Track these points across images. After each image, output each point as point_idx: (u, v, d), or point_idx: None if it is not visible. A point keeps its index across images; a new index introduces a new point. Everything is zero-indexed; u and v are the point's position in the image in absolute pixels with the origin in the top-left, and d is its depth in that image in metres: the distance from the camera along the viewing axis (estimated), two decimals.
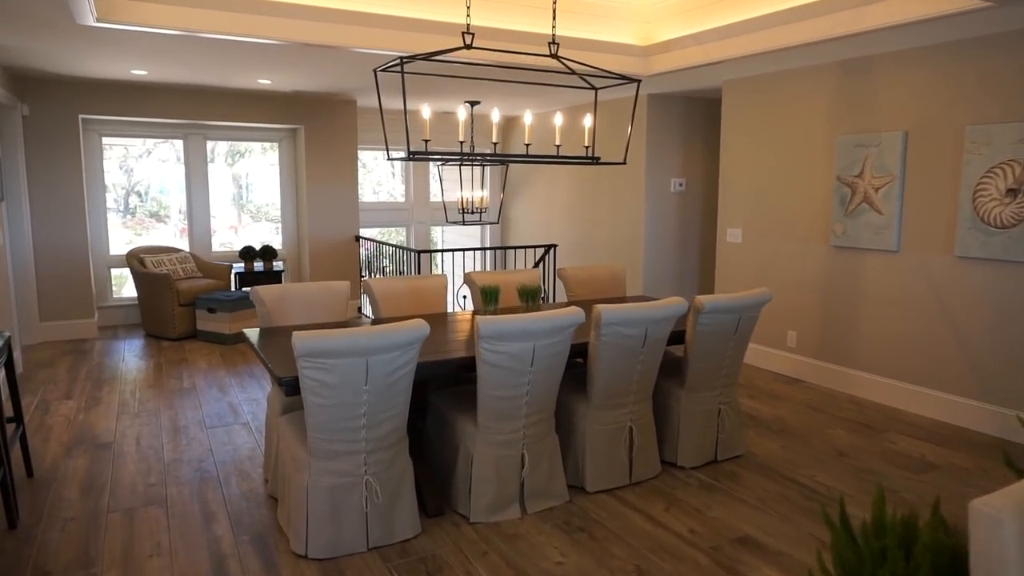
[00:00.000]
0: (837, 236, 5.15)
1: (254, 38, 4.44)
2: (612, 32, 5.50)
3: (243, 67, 5.73)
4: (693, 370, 3.75)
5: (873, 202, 4.88)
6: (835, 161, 5.13)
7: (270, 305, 3.72)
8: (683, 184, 7.31)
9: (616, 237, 7.54)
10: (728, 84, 6.06)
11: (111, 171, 7.88)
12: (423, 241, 9.41)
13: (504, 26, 4.93)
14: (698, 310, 3.59)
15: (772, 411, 4.80)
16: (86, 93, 6.73)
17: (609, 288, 4.85)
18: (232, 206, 8.51)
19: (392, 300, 4.11)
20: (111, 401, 4.92)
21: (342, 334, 2.66)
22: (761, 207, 5.83)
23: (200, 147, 7.81)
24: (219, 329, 6.69)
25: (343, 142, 7.99)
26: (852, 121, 5.04)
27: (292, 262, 8.39)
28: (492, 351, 3.01)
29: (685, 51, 5.36)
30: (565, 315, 3.14)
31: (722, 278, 6.26)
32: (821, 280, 5.36)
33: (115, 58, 5.37)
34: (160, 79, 6.47)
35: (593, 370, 3.41)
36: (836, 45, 4.65)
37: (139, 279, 6.95)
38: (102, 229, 7.41)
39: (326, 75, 6.14)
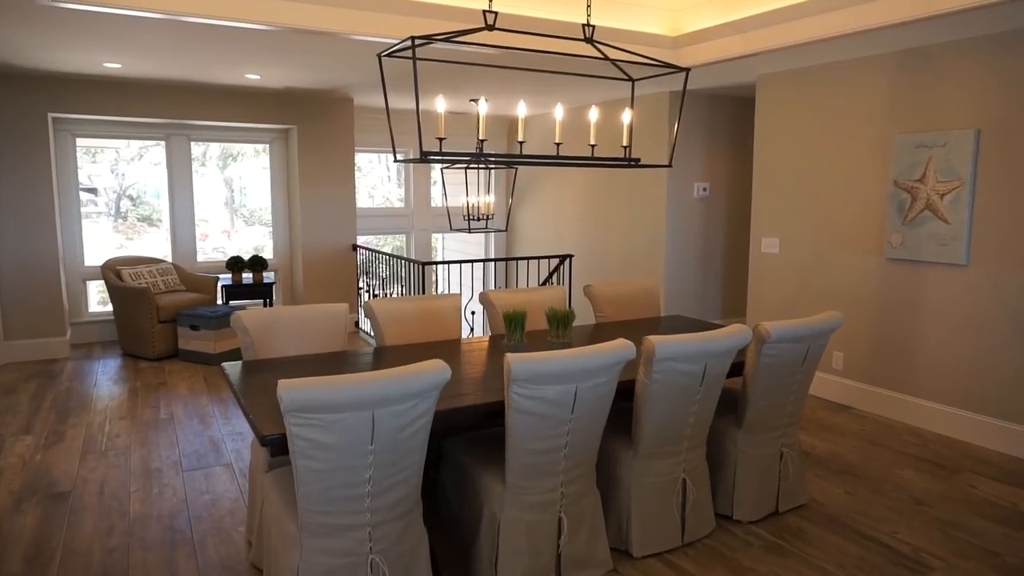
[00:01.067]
0: (894, 247, 4.60)
1: (240, 22, 3.87)
2: (638, 21, 4.95)
3: (228, 59, 5.15)
4: (753, 408, 3.19)
5: (938, 210, 4.33)
6: (891, 163, 4.58)
7: (255, 334, 3.14)
8: (707, 189, 6.77)
9: (633, 246, 6.98)
10: (764, 79, 5.52)
11: (102, 174, 7.31)
12: (424, 250, 8.84)
13: (524, 12, 4.37)
14: (763, 339, 3.03)
15: (826, 446, 4.24)
16: (56, 89, 6.14)
17: (642, 307, 4.29)
18: (225, 210, 7.94)
19: (397, 325, 3.53)
20: (76, 437, 4.32)
21: (342, 383, 2.09)
22: (802, 214, 5.28)
23: (184, 149, 7.22)
24: (203, 348, 6.10)
25: (339, 143, 7.41)
26: (912, 118, 4.50)
27: (284, 273, 7.80)
28: (526, 396, 2.45)
29: (722, 41, 4.81)
30: (613, 350, 2.58)
31: (756, 293, 5.70)
32: (873, 296, 4.81)
33: (83, 48, 4.78)
34: (136, 73, 5.88)
35: (642, 413, 2.84)
36: (895, 33, 4.11)
37: (115, 293, 6.35)
38: (76, 238, 6.81)
39: (320, 68, 5.56)
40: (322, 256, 7.44)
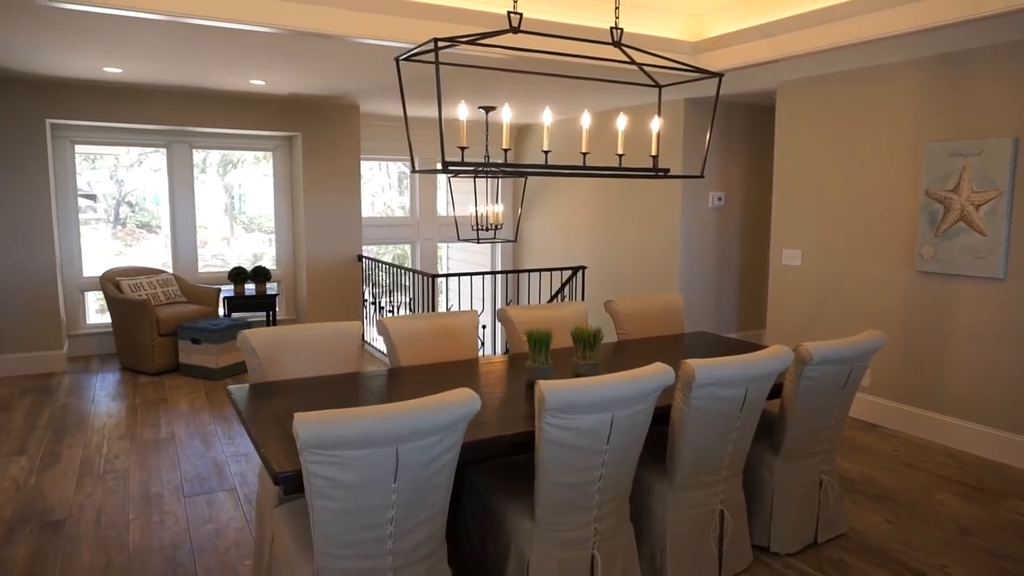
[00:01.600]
0: (925, 260, 4.42)
1: (245, 24, 3.69)
2: (657, 26, 4.78)
3: (232, 64, 4.98)
4: (792, 433, 3.00)
5: (973, 221, 4.15)
6: (923, 172, 4.40)
7: (263, 355, 2.95)
8: (722, 198, 6.59)
9: (647, 257, 6.80)
10: (785, 85, 5.35)
11: (101, 181, 7.14)
12: (430, 260, 8.65)
13: (543, 16, 4.20)
14: (804, 361, 2.85)
15: (859, 468, 4.05)
16: (54, 95, 5.96)
17: (665, 323, 4.10)
18: (225, 216, 7.76)
19: (412, 343, 3.34)
20: (72, 458, 4.13)
21: (364, 416, 1.90)
22: (826, 225, 5.10)
23: (185, 156, 7.04)
24: (204, 363, 5.90)
25: (345, 152, 7.24)
26: (944, 126, 4.33)
27: (287, 283, 7.61)
28: (560, 427, 2.26)
29: (746, 46, 4.64)
30: (652, 375, 2.39)
31: (777, 306, 5.51)
32: (903, 310, 4.62)
33: (83, 51, 4.60)
34: (138, 79, 5.71)
35: (679, 441, 2.65)
36: (927, 37, 3.94)
37: (114, 305, 6.16)
38: (74, 247, 6.62)
39: (327, 74, 5.39)
40: (327, 267, 7.25)
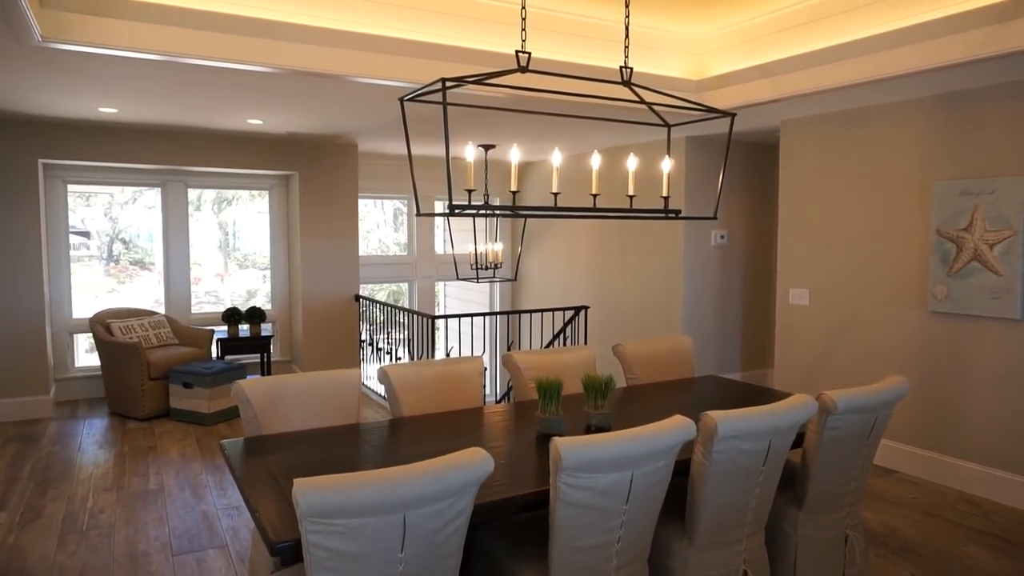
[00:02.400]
0: (938, 300, 4.32)
1: (244, 65, 3.62)
2: (659, 65, 4.75)
3: (230, 103, 4.90)
4: (816, 486, 2.85)
5: (987, 260, 4.07)
6: (933, 211, 4.33)
7: (259, 406, 2.80)
8: (725, 236, 6.52)
9: (649, 296, 6.69)
10: (788, 124, 5.31)
11: (95, 218, 7.05)
12: (427, 299, 8.52)
13: (549, 55, 4.15)
14: (828, 410, 2.72)
15: (879, 518, 3.88)
16: (47, 135, 5.87)
17: (675, 367, 3.97)
18: (219, 253, 7.65)
19: (414, 392, 3.19)
20: (55, 512, 3.93)
21: (369, 482, 1.76)
22: (834, 264, 5.01)
23: (180, 195, 6.95)
24: (196, 407, 5.72)
25: (343, 191, 7.16)
26: (955, 164, 4.27)
27: (282, 324, 7.46)
28: (576, 487, 2.11)
29: (748, 85, 4.60)
30: (673, 430, 2.26)
31: (785, 347, 5.39)
32: (917, 351, 4.50)
33: (76, 91, 4.52)
34: (133, 119, 5.63)
35: (699, 497, 2.50)
36: (931, 76, 3.89)
37: (104, 349, 5.99)
38: (64, 290, 6.47)
39: (326, 113, 5.33)
40: (323, 307, 7.11)
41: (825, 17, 4.06)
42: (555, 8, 4.22)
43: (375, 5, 3.80)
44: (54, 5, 3.08)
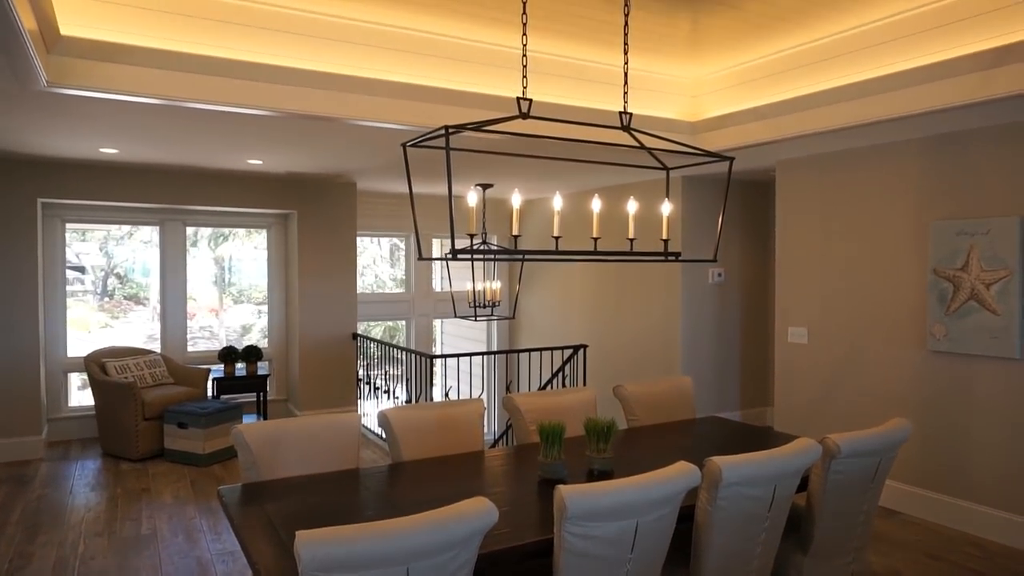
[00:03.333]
0: (937, 339, 4.33)
1: (245, 109, 3.65)
2: (655, 107, 4.82)
3: (230, 145, 4.95)
4: (821, 531, 2.82)
5: (985, 300, 4.08)
6: (930, 251, 4.36)
7: (257, 451, 2.77)
8: (722, 274, 6.54)
9: (648, 334, 6.68)
10: (784, 164, 5.37)
11: (91, 253, 7.05)
12: (425, 337, 8.50)
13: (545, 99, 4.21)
14: (832, 454, 2.70)
15: (883, 560, 3.83)
16: (47, 175, 5.90)
17: (675, 408, 3.95)
18: (214, 288, 7.63)
19: (415, 436, 3.16)
20: (45, 559, 3.85)
21: (373, 533, 1.73)
22: (832, 303, 5.03)
23: (179, 234, 6.96)
24: (191, 448, 5.65)
25: (341, 229, 7.18)
26: (949, 205, 4.31)
27: (279, 363, 7.42)
28: (581, 536, 2.08)
29: (743, 127, 4.67)
30: (677, 477, 2.24)
31: (784, 385, 5.38)
32: (917, 390, 4.50)
33: (78, 133, 4.56)
34: (133, 158, 5.67)
35: (703, 545, 2.47)
36: (923, 120, 3.96)
37: (98, 388, 5.93)
38: (60, 329, 6.43)
39: (326, 153, 5.37)
40: (320, 346, 7.08)
41: (818, 61, 4.14)
42: (554, 52, 4.30)
43: (376, 50, 3.86)
44: (60, 51, 3.12)
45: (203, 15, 3.44)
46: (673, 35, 4.01)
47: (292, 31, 3.64)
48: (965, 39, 3.43)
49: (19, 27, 2.42)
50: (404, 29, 3.89)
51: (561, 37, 4.04)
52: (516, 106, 2.66)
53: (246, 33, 3.54)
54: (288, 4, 3.56)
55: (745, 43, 4.18)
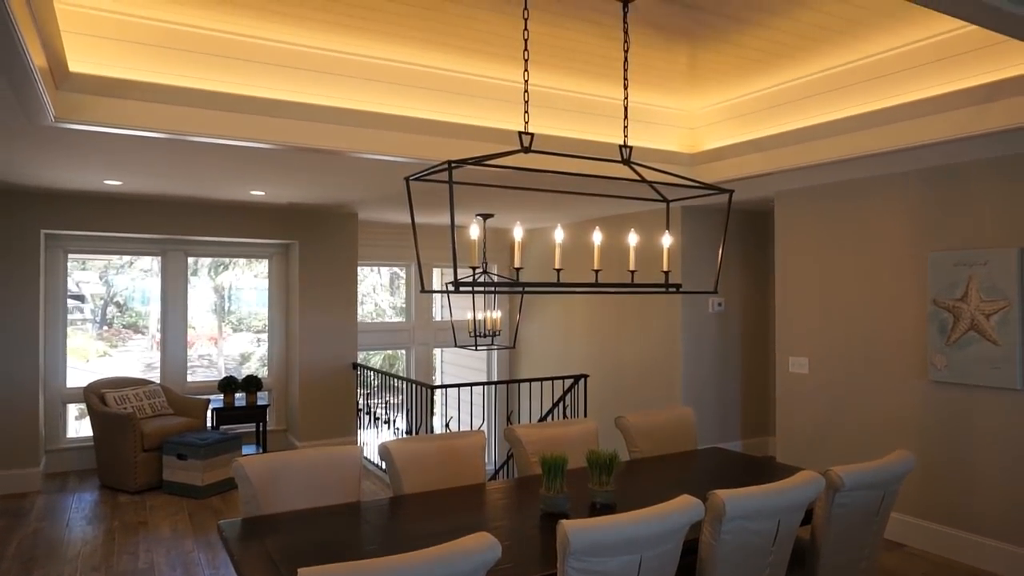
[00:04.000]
0: (938, 369, 4.33)
1: (248, 142, 3.70)
2: (653, 139, 4.87)
3: (233, 176, 4.99)
4: (826, 565, 2.79)
5: (984, 330, 4.09)
6: (929, 281, 4.38)
7: (258, 484, 2.76)
8: (722, 304, 6.56)
9: (648, 364, 6.68)
10: (783, 195, 5.42)
11: (91, 282, 7.08)
12: (425, 366, 8.48)
13: (546, 131, 4.27)
14: (836, 487, 2.69)
15: None
16: (51, 206, 5.94)
17: (678, 439, 3.94)
18: (213, 316, 7.64)
19: (417, 468, 3.15)
20: None
21: (374, 568, 1.72)
22: (832, 333, 5.03)
23: (180, 264, 6.99)
24: (190, 480, 5.61)
25: (342, 259, 7.21)
26: (947, 236, 4.35)
27: (278, 393, 7.40)
28: (585, 571, 2.07)
29: (741, 159, 4.72)
30: (681, 510, 2.22)
31: (786, 415, 5.37)
32: (919, 420, 4.49)
33: (83, 166, 4.61)
34: (137, 190, 5.72)
35: None
36: (920, 152, 4.01)
37: (97, 419, 5.91)
38: (59, 360, 6.43)
39: (327, 185, 5.42)
40: (321, 375, 7.06)
41: (815, 95, 4.20)
42: (555, 86, 4.36)
43: (379, 84, 3.92)
44: (68, 87, 3.17)
45: (208, 51, 3.50)
46: (672, 70, 4.08)
47: (295, 66, 3.70)
48: (959, 74, 3.49)
49: (30, 65, 2.46)
50: (407, 64, 3.95)
51: (562, 72, 4.11)
52: (518, 139, 2.70)
53: (251, 68, 3.60)
54: (291, 40, 3.62)
55: (742, 77, 4.25)
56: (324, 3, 3.17)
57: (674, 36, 3.54)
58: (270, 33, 3.53)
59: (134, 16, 3.28)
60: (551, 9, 3.21)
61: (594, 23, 3.38)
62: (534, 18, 3.31)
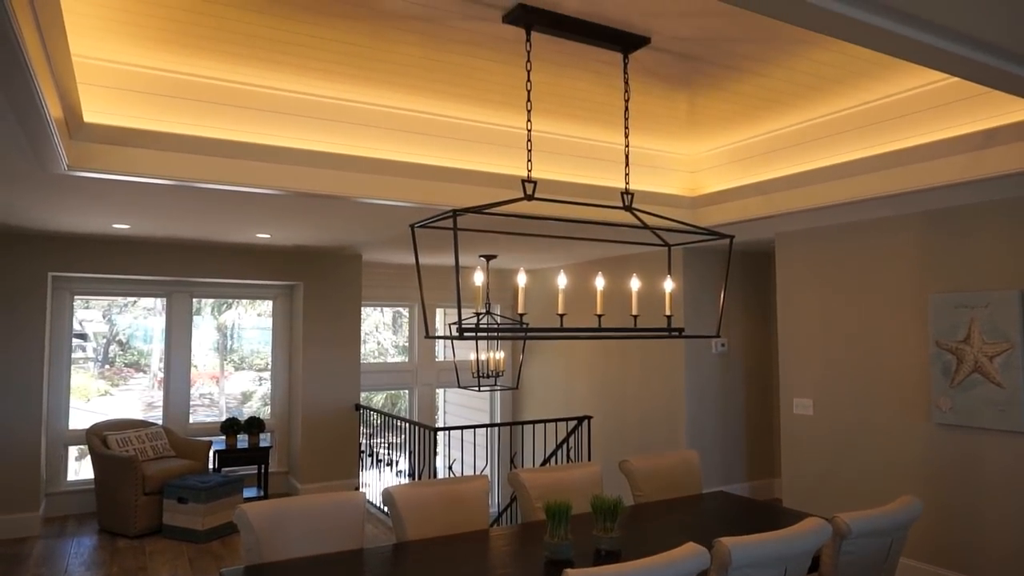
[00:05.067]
0: (943, 412, 4.32)
1: (255, 188, 3.77)
2: (656, 182, 4.94)
3: (240, 220, 5.06)
4: None
5: (988, 373, 4.09)
6: (930, 323, 4.40)
7: (261, 531, 2.74)
8: (725, 344, 6.56)
9: (652, 404, 6.65)
10: (783, 236, 5.47)
11: (93, 320, 7.10)
12: (427, 407, 8.46)
13: (549, 176, 4.33)
14: (843, 534, 2.67)
15: None
16: (59, 249, 6.01)
17: (682, 483, 3.91)
18: (215, 355, 7.65)
19: (421, 514, 3.13)
20: None
21: None
22: (835, 374, 5.03)
23: (185, 305, 7.03)
24: (190, 524, 5.55)
25: (346, 301, 7.25)
26: (947, 278, 4.37)
27: (281, 434, 7.36)
28: None
29: (742, 202, 4.78)
30: (686, 559, 2.21)
31: (792, 457, 5.33)
32: (925, 463, 4.45)
33: (93, 211, 4.68)
34: (144, 233, 5.78)
35: None
36: (923, 195, 4.06)
37: (99, 462, 5.88)
38: (63, 402, 6.42)
39: (332, 228, 5.48)
40: (323, 417, 7.04)
41: (813, 140, 4.28)
42: (557, 132, 4.44)
43: (383, 131, 4.00)
44: (82, 137, 3.25)
45: (217, 100, 3.58)
46: (672, 116, 4.16)
47: (301, 114, 3.78)
48: (955, 121, 3.55)
49: (47, 116, 2.53)
50: (411, 111, 4.04)
51: (564, 118, 4.19)
52: (521, 184, 2.75)
53: (258, 116, 3.68)
54: (297, 88, 3.71)
55: (741, 123, 4.32)
56: (329, 54, 3.25)
57: (673, 84, 3.62)
58: (277, 82, 3.62)
59: (145, 68, 3.37)
60: (553, 59, 3.29)
61: (595, 72, 3.46)
62: (536, 68, 3.39)
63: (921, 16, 2.02)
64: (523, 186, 2.74)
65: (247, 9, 2.80)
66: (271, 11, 2.81)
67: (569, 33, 2.89)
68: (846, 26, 2.03)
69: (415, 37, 3.05)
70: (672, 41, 3.07)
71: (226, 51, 3.21)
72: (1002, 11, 2.13)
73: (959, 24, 2.09)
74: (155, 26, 2.94)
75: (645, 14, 2.80)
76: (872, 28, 2.02)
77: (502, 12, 2.80)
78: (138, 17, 2.85)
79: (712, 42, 3.08)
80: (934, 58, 2.26)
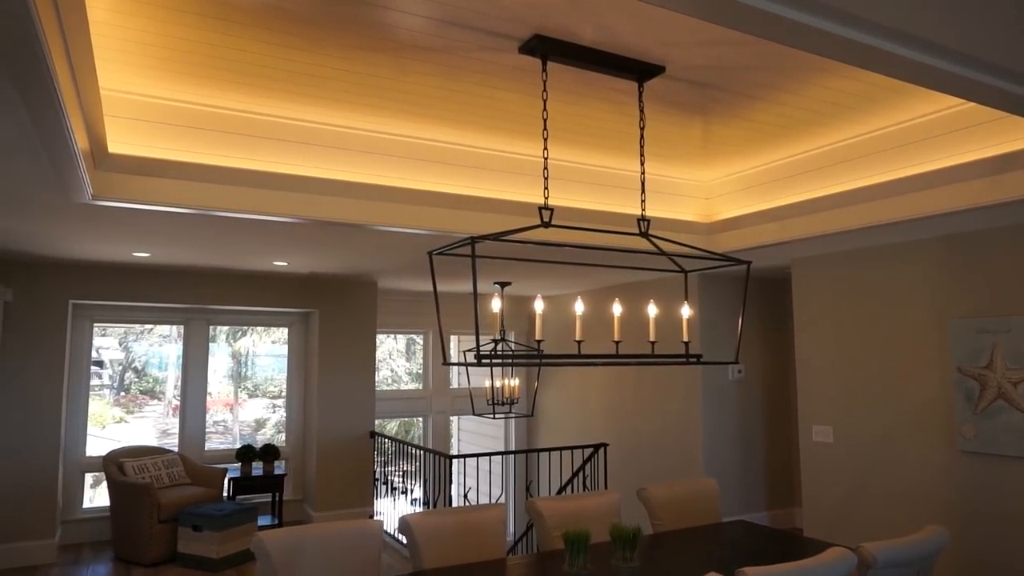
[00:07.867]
0: (967, 439, 4.25)
1: (274, 216, 3.81)
2: (671, 209, 4.96)
3: (259, 248, 5.11)
4: None
5: (1013, 399, 4.03)
6: (951, 349, 4.35)
7: (278, 560, 2.73)
8: (742, 371, 6.51)
9: (668, 431, 6.59)
10: (799, 262, 5.44)
11: (110, 348, 7.16)
12: (442, 435, 8.42)
13: (565, 203, 4.36)
14: (868, 564, 2.62)
15: None
16: (79, 277, 6.09)
17: (701, 512, 3.86)
18: (229, 382, 7.67)
19: (437, 542, 3.11)
20: None
21: None
22: (855, 401, 4.97)
23: (202, 333, 7.08)
24: (204, 552, 5.53)
25: (361, 328, 7.28)
26: (968, 303, 4.33)
27: (295, 461, 7.35)
28: None
29: (756, 228, 4.78)
30: None
31: (812, 485, 5.25)
32: (949, 491, 4.37)
33: (114, 239, 4.75)
34: (164, 261, 5.86)
35: None
36: (940, 220, 4.04)
37: (115, 489, 5.89)
38: (81, 428, 6.46)
39: (349, 256, 5.53)
40: (338, 445, 7.03)
41: (828, 166, 4.28)
42: (573, 160, 4.48)
43: (401, 160, 4.05)
44: (106, 167, 3.31)
45: (237, 130, 3.64)
46: (687, 143, 4.18)
47: (320, 143, 3.84)
48: (972, 145, 3.55)
49: (74, 149, 2.59)
50: (429, 141, 4.09)
51: (580, 146, 4.22)
52: (537, 211, 2.77)
53: (279, 146, 3.74)
54: (315, 119, 3.77)
55: (756, 149, 4.34)
56: (348, 85, 3.31)
57: (688, 111, 3.65)
58: (296, 113, 3.69)
59: (168, 99, 3.44)
60: (569, 88, 3.33)
61: (611, 100, 3.50)
62: (552, 97, 3.43)
63: (935, 41, 2.03)
64: (540, 213, 2.76)
65: (268, 43, 2.86)
66: (292, 44, 2.88)
67: (584, 62, 2.93)
68: (859, 53, 2.05)
69: (433, 68, 3.10)
70: (687, 70, 3.10)
71: (247, 83, 3.28)
72: (1013, 34, 2.14)
73: (972, 49, 2.10)
74: (179, 59, 3.01)
75: (660, 43, 2.83)
76: (885, 54, 2.03)
77: (518, 43, 2.84)
78: (162, 51, 2.93)
79: (726, 70, 3.11)
80: (949, 83, 2.27)
